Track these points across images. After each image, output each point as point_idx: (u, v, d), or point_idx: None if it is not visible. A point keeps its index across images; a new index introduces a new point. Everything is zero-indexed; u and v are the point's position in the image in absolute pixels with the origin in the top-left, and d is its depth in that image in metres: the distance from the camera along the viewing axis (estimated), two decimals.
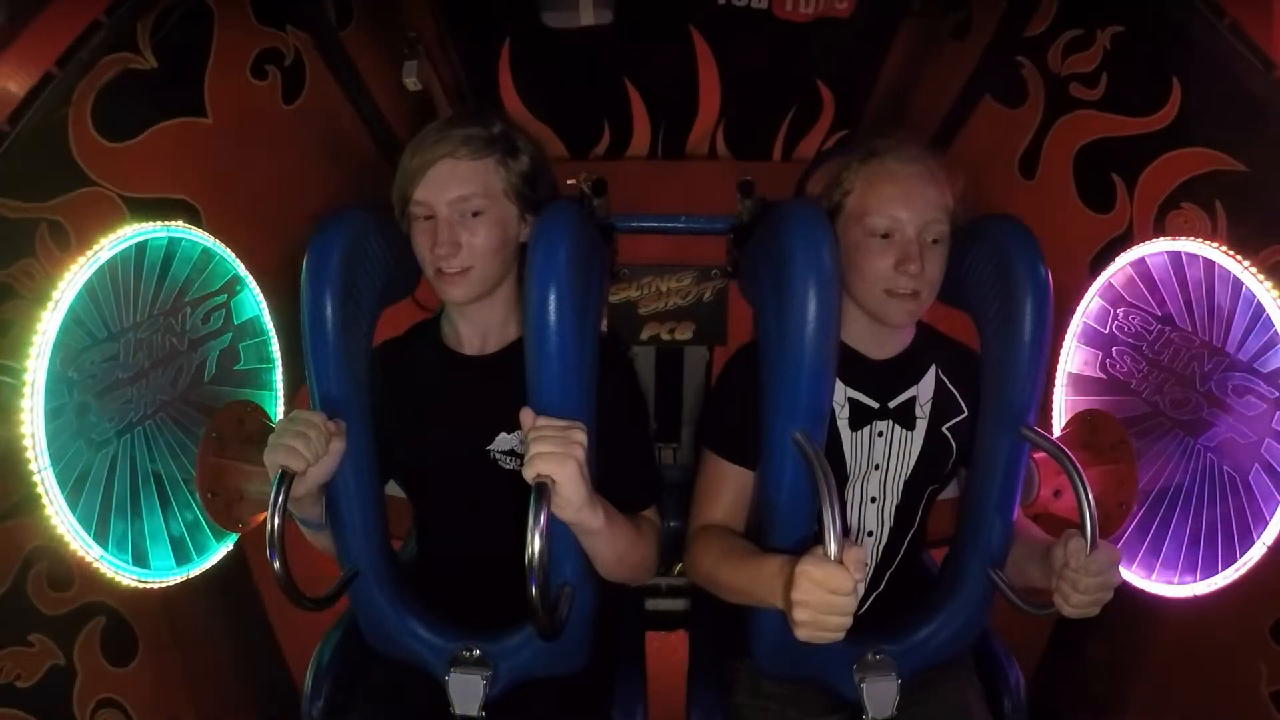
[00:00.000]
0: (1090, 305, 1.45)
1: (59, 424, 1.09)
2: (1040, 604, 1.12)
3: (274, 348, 1.52)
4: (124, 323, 1.21)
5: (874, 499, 1.29)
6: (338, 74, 1.69)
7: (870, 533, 1.31)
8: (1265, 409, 1.16)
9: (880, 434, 1.27)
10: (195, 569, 1.32)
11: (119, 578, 1.18)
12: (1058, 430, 1.47)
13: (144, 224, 1.22)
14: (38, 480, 1.07)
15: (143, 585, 1.21)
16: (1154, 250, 1.31)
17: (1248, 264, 1.15)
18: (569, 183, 1.50)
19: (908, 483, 1.29)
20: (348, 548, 1.19)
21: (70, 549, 1.11)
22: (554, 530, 0.99)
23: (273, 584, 1.05)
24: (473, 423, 1.25)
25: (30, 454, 1.05)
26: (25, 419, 1.05)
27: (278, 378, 1.53)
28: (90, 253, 1.13)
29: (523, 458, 0.99)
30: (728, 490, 1.26)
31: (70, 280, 1.10)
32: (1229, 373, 1.21)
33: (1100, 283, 1.42)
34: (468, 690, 1.19)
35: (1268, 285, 1.13)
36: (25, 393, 1.05)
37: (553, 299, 1.04)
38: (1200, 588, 1.23)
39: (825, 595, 0.93)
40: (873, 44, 1.98)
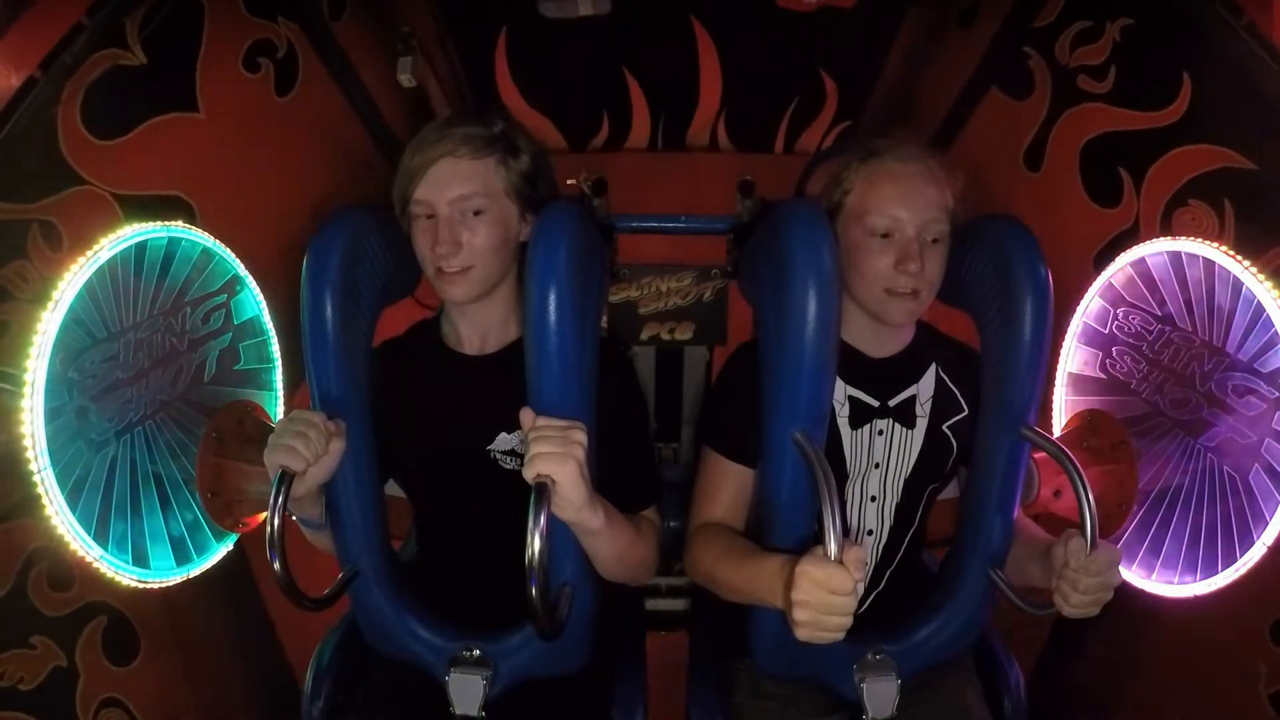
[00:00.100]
0: (1090, 305, 1.45)
1: (59, 424, 1.09)
2: (1040, 604, 1.13)
3: (274, 348, 1.52)
4: (124, 323, 1.21)
5: (874, 497, 1.29)
6: (330, 66, 1.67)
7: (870, 531, 1.31)
8: (1265, 409, 1.15)
9: (880, 432, 1.27)
10: (195, 569, 1.32)
11: (119, 578, 1.18)
12: (1058, 430, 1.47)
13: (144, 224, 1.22)
14: (38, 481, 1.07)
15: (143, 585, 1.22)
16: (1154, 250, 1.31)
17: (1248, 264, 1.15)
18: (569, 183, 1.49)
19: (908, 481, 1.29)
20: (348, 548, 1.20)
21: (70, 549, 1.11)
22: (554, 530, 0.99)
23: (273, 583, 1.05)
24: (473, 423, 1.25)
25: (30, 454, 1.05)
26: (25, 419, 1.05)
27: (278, 378, 1.53)
28: (90, 253, 1.13)
29: (523, 458, 0.99)
30: (728, 488, 1.26)
31: (70, 280, 1.10)
32: (1229, 373, 1.20)
33: (1100, 282, 1.42)
34: (468, 690, 1.19)
35: (1268, 285, 1.13)
36: (25, 394, 1.05)
37: (553, 299, 1.04)
38: (1200, 588, 1.23)
39: (825, 595, 0.93)
40: (877, 33, 1.96)
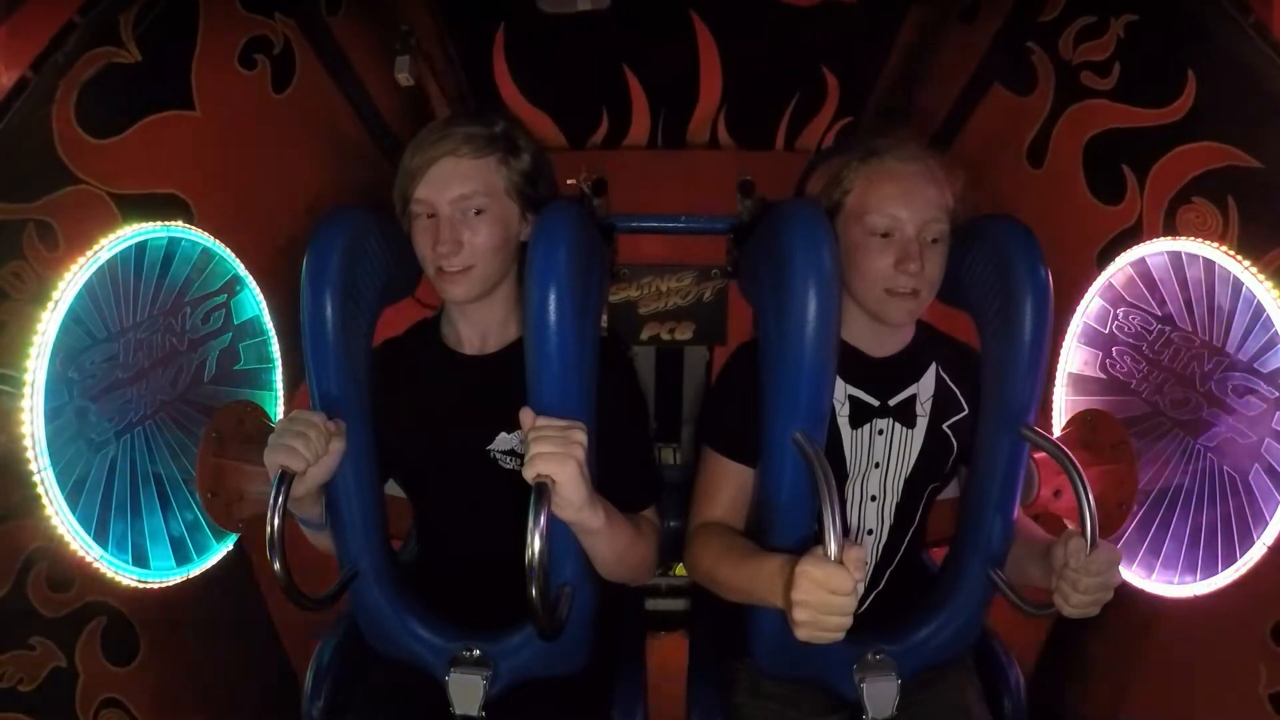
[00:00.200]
0: (1090, 305, 1.45)
1: (59, 424, 1.09)
2: (1040, 604, 1.13)
3: (274, 348, 1.52)
4: (124, 323, 1.21)
5: (874, 497, 1.30)
6: (327, 63, 1.67)
7: (870, 531, 1.31)
8: (1265, 409, 1.15)
9: (881, 432, 1.27)
10: (195, 569, 1.32)
11: (119, 578, 1.18)
12: (1058, 430, 1.46)
13: (144, 224, 1.21)
14: (38, 481, 1.07)
15: (143, 585, 1.22)
16: (1154, 250, 1.30)
17: (1248, 264, 1.15)
18: (569, 182, 1.49)
19: (908, 481, 1.29)
20: (348, 548, 1.20)
21: (70, 550, 1.11)
22: (554, 530, 1.00)
23: (273, 584, 1.05)
24: (473, 423, 1.25)
25: (30, 455, 1.05)
26: (25, 419, 1.05)
27: (278, 378, 1.53)
28: (90, 253, 1.13)
29: (523, 458, 0.99)
30: (728, 488, 1.26)
31: (70, 280, 1.10)
32: (1229, 373, 1.20)
33: (1100, 282, 1.42)
34: (468, 690, 1.19)
35: (1268, 285, 1.12)
36: (25, 394, 1.05)
37: (553, 299, 1.04)
38: (1200, 588, 1.23)
39: (825, 595, 0.93)
40: (879, 29, 1.94)
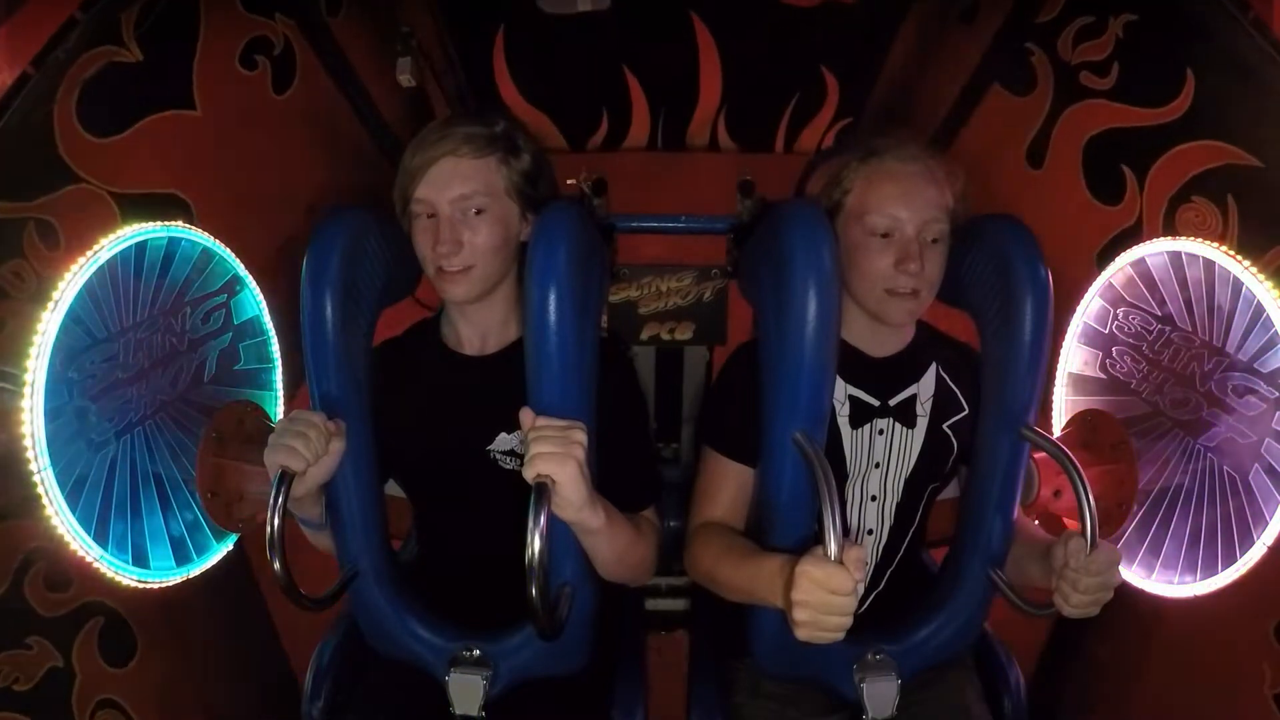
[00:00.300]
0: (1090, 305, 1.44)
1: (58, 424, 1.09)
2: (1040, 604, 1.13)
3: (274, 348, 1.52)
4: (124, 323, 1.20)
5: (874, 497, 1.30)
6: (328, 63, 1.67)
7: (870, 531, 1.31)
8: (1265, 409, 1.15)
9: (881, 432, 1.27)
10: (195, 569, 1.32)
11: (119, 578, 1.18)
12: (1058, 430, 1.46)
13: (144, 224, 1.21)
14: (37, 481, 1.06)
15: (143, 585, 1.22)
16: (1154, 250, 1.30)
17: (1248, 264, 1.15)
18: (569, 183, 1.49)
19: (908, 481, 1.29)
20: (348, 548, 1.20)
21: (70, 550, 1.11)
22: (554, 530, 1.00)
23: (272, 584, 1.05)
24: (473, 423, 1.25)
25: (30, 455, 1.05)
26: (25, 419, 1.05)
27: (278, 378, 1.53)
28: (90, 253, 1.13)
29: (523, 458, 0.99)
30: (728, 488, 1.26)
31: (70, 280, 1.10)
32: (1229, 373, 1.20)
33: (1100, 282, 1.41)
34: (468, 690, 1.19)
35: (1268, 285, 1.12)
36: (25, 394, 1.05)
37: (553, 299, 1.04)
38: (1200, 588, 1.23)
39: (825, 595, 0.93)
40: (878, 29, 1.95)
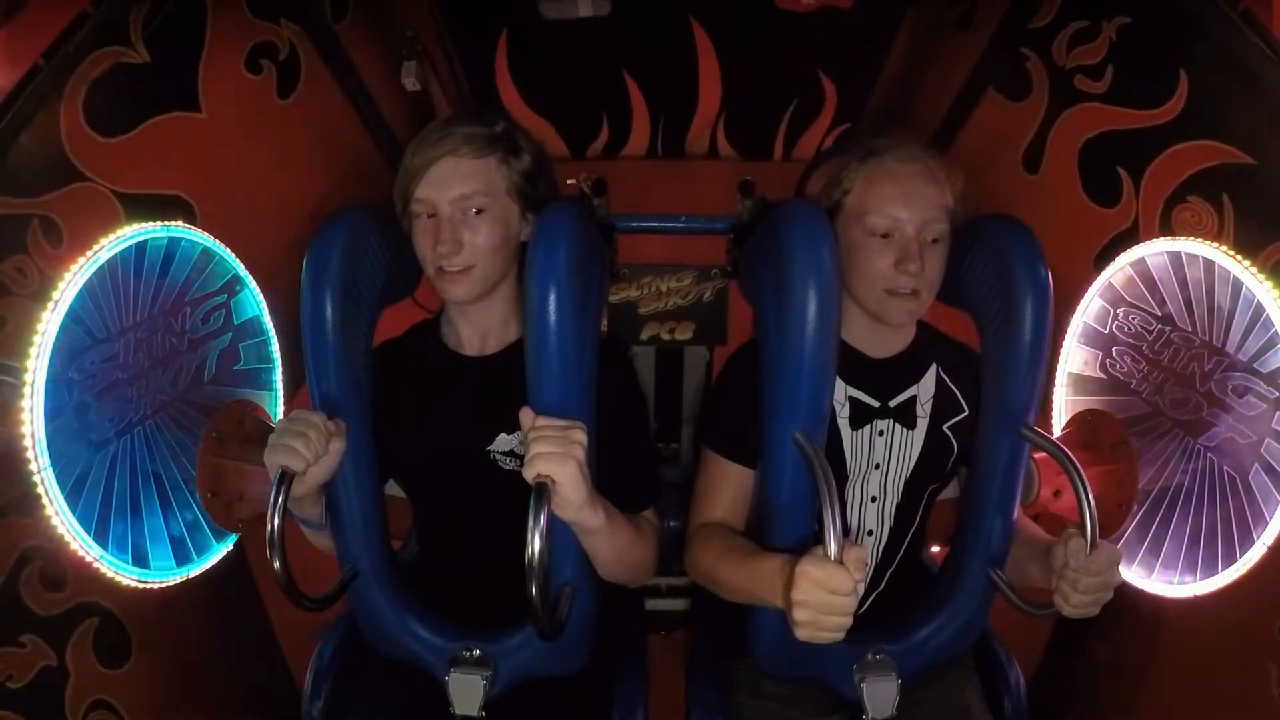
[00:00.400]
0: (1090, 305, 1.45)
1: (59, 424, 1.09)
2: (1040, 604, 1.12)
3: (274, 348, 1.52)
4: (124, 323, 1.21)
5: (874, 498, 1.29)
6: (333, 67, 1.68)
7: (870, 532, 1.31)
8: (1265, 409, 1.15)
9: (881, 433, 1.27)
10: (195, 569, 1.32)
11: (119, 578, 1.18)
12: (1058, 430, 1.46)
13: (144, 224, 1.22)
14: (38, 481, 1.07)
15: (143, 586, 1.22)
16: (1154, 250, 1.31)
17: (1248, 264, 1.15)
18: (569, 182, 1.49)
19: (908, 482, 1.29)
20: (348, 548, 1.20)
21: (69, 549, 1.11)
22: (554, 530, 0.99)
23: (272, 584, 1.05)
24: (473, 424, 1.25)
25: (30, 454, 1.05)
26: (25, 419, 1.05)
27: (278, 378, 1.53)
28: (90, 252, 1.13)
29: (523, 458, 0.99)
30: (728, 489, 1.26)
31: (70, 280, 1.10)
32: (1229, 373, 1.20)
33: (1100, 283, 1.42)
34: (468, 690, 1.19)
35: (1268, 285, 1.13)
36: (25, 393, 1.05)
37: (553, 299, 1.04)
38: (1200, 588, 1.23)
39: (825, 595, 0.93)
40: (875, 35, 1.96)
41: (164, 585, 1.25)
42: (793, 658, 1.20)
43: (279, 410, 1.52)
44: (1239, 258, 1.16)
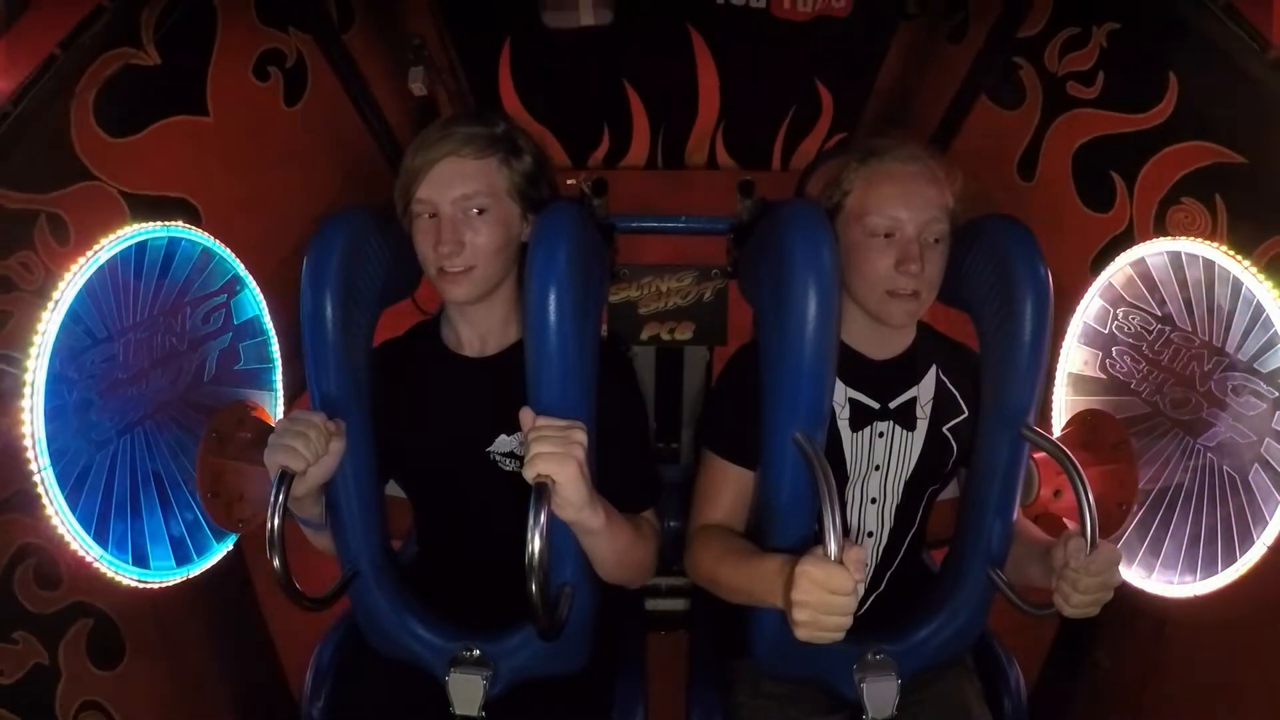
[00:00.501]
0: (1090, 305, 1.45)
1: (59, 424, 1.09)
2: (1040, 604, 1.12)
3: (274, 348, 1.52)
4: (124, 323, 1.21)
5: (874, 500, 1.29)
6: (340, 76, 1.69)
7: (870, 533, 1.31)
8: (1265, 409, 1.15)
9: (881, 435, 1.27)
10: (195, 569, 1.31)
11: (119, 578, 1.18)
12: (1058, 430, 1.46)
13: (144, 224, 1.22)
14: (38, 480, 1.06)
15: (143, 586, 1.21)
16: (1154, 250, 1.31)
17: (1247, 264, 1.15)
18: (569, 183, 1.50)
19: (908, 483, 1.29)
20: (348, 548, 1.19)
21: (68, 549, 1.11)
22: (554, 530, 0.99)
23: (269, 584, 1.05)
24: (473, 424, 1.25)
25: (30, 454, 1.05)
26: (25, 419, 1.05)
27: (278, 378, 1.53)
28: (90, 252, 1.13)
29: (523, 459, 0.99)
30: (728, 490, 1.26)
31: (70, 280, 1.10)
32: (1229, 373, 1.20)
33: (1100, 283, 1.42)
34: (468, 690, 1.19)
35: (1268, 285, 1.13)
36: (25, 393, 1.05)
37: (553, 299, 1.04)
38: (1200, 588, 1.22)
39: (825, 595, 0.93)
40: (871, 44, 1.98)
41: (164, 585, 1.25)
42: (793, 658, 1.19)
43: (279, 410, 1.52)
44: (1239, 257, 1.16)
